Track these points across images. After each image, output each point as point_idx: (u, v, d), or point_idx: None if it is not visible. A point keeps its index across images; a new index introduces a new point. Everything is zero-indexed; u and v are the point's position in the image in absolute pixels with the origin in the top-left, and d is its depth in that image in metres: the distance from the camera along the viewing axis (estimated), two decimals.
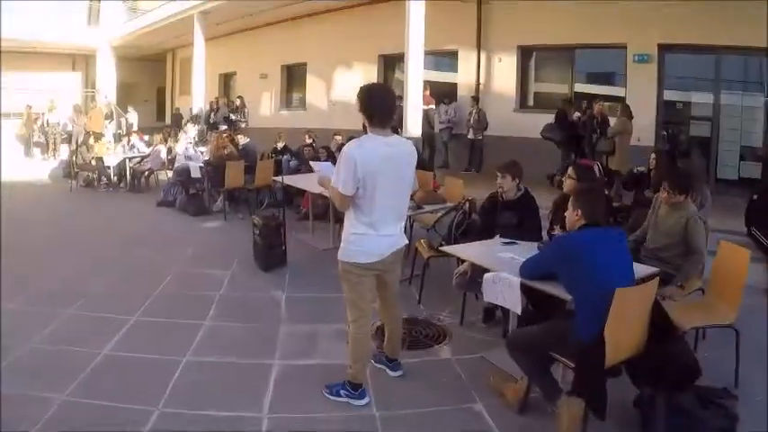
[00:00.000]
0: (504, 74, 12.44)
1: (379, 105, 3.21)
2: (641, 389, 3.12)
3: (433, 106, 12.33)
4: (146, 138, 12.19)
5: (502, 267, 3.55)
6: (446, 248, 4.47)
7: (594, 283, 2.89)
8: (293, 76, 18.05)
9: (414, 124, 10.12)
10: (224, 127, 13.09)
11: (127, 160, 11.15)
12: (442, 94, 12.84)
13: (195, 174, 9.42)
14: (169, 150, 10.87)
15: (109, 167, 11.14)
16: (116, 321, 4.49)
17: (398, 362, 3.74)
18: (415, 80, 10.17)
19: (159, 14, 17.73)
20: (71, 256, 6.53)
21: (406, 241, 3.46)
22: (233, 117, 14.03)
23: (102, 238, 7.48)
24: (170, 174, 10.71)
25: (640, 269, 3.49)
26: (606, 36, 10.85)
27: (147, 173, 11.15)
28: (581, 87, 11.99)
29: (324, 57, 15.94)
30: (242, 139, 9.93)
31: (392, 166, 3.18)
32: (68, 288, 5.32)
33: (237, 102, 14.62)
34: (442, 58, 13.72)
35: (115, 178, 11.29)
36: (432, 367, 3.91)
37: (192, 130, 12.40)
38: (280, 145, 10.74)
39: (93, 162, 11.26)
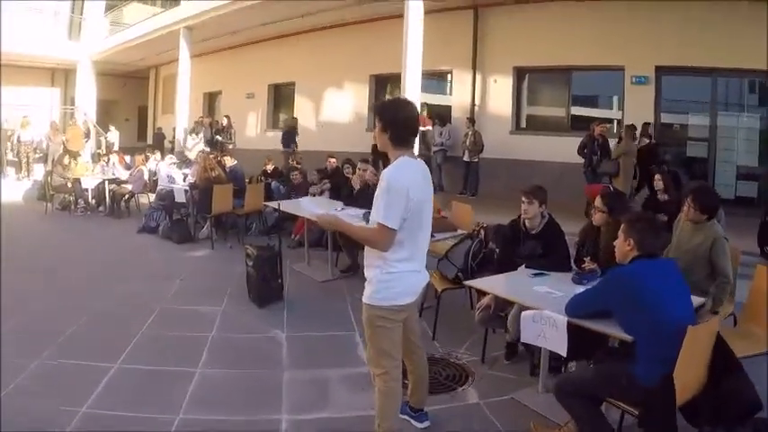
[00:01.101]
0: (500, 95, 12.22)
1: (407, 123, 2.84)
2: (701, 428, 2.81)
3: (431, 128, 12.05)
4: (127, 159, 11.59)
5: (538, 303, 3.27)
6: (472, 282, 4.09)
7: (659, 322, 2.67)
8: (281, 96, 17.68)
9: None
10: (206, 149, 12.53)
11: (106, 182, 10.56)
12: (435, 115, 12.57)
13: (180, 198, 8.88)
14: (153, 173, 10.32)
15: (87, 189, 10.54)
16: (95, 370, 3.92)
17: (425, 411, 3.33)
18: (412, 101, 9.85)
19: (143, 29, 17.25)
20: (43, 290, 5.88)
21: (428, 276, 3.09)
22: (219, 138, 13.48)
23: (78, 269, 6.86)
24: (152, 197, 10.17)
25: None
26: (604, 58, 10.79)
27: (127, 196, 10.57)
28: (578, 110, 11.91)
29: (313, 76, 15.59)
30: (229, 161, 9.41)
31: (425, 193, 2.85)
32: (40, 328, 4.72)
33: (224, 121, 14.10)
34: (435, 80, 13.47)
35: (93, 201, 10.70)
36: (460, 414, 3.53)
37: (190, 142, 11.88)
38: (269, 168, 10.30)
39: (70, 183, 10.65)
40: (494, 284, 3.87)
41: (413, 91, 9.85)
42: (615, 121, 11.45)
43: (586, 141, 9.63)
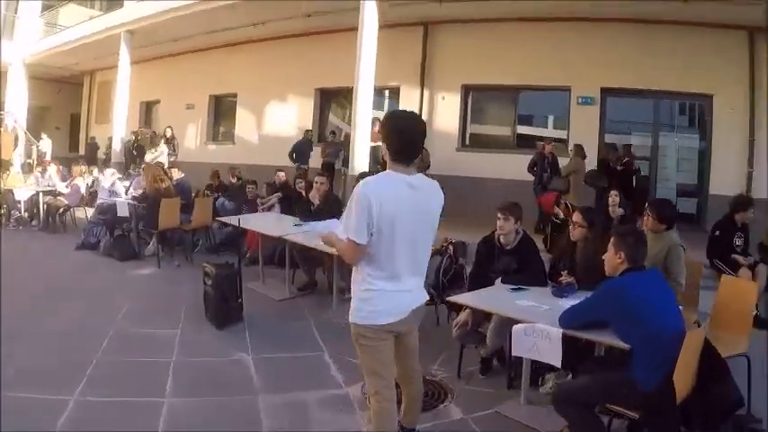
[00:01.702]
0: (448, 112, 12.33)
1: (405, 137, 2.73)
2: (691, 430, 2.96)
3: (382, 143, 11.99)
4: (61, 169, 10.89)
5: (527, 317, 3.35)
6: (454, 298, 4.08)
7: (653, 331, 2.81)
8: (222, 108, 17.17)
9: (360, 162, 9.68)
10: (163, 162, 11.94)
11: (41, 194, 9.88)
12: None
13: (123, 212, 8.38)
14: (92, 184, 9.74)
15: (20, 201, 9.84)
16: (51, 405, 3.51)
17: (417, 430, 3.23)
18: (363, 115, 9.78)
19: (81, 31, 16.44)
20: None
21: (427, 297, 2.99)
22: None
23: (15, 290, 6.15)
24: (89, 211, 9.58)
25: None
26: (551, 78, 11.07)
27: (62, 209, 9.93)
28: (524, 129, 12.20)
29: (256, 88, 15.25)
30: (176, 174, 8.98)
31: (414, 209, 2.70)
32: None
33: (168, 132, 13.54)
34: (382, 96, 13.44)
35: (26, 214, 9.99)
36: (447, 431, 3.51)
37: (149, 156, 11.32)
38: (215, 182, 9.96)
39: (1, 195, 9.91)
40: (476, 300, 3.89)
41: (365, 105, 9.77)
42: (552, 140, 11.71)
43: (537, 159, 9.81)
